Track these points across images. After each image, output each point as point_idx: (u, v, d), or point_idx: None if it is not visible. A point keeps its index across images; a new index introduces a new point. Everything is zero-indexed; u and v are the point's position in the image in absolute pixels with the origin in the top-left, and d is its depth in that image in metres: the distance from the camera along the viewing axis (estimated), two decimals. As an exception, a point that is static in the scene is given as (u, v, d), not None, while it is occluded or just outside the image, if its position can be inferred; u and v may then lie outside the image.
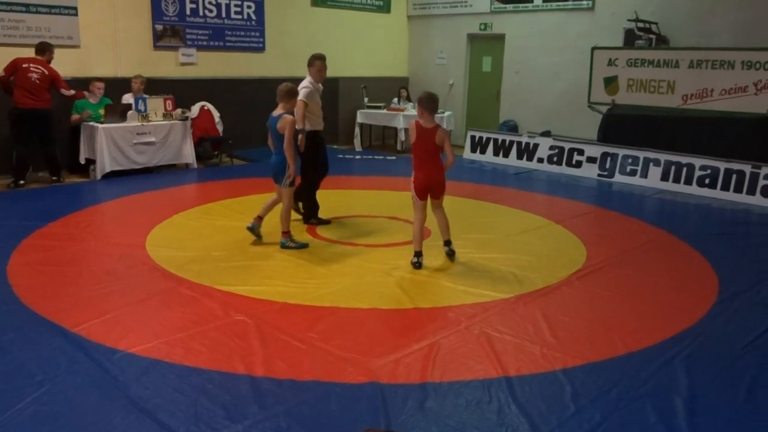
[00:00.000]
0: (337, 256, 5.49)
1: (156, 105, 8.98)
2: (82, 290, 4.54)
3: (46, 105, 7.97)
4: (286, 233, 5.67)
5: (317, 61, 6.32)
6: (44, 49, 8.05)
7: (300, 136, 6.01)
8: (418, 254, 5.22)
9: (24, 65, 7.81)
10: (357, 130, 11.91)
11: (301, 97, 5.97)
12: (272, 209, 5.85)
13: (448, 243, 5.46)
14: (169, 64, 10.06)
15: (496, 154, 10.74)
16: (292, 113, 5.62)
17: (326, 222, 6.50)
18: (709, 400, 3.24)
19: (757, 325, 4.19)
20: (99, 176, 8.37)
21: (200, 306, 4.30)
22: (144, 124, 8.74)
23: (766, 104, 8.35)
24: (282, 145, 5.49)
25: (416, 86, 13.17)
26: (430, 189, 5.25)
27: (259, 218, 5.83)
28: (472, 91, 12.94)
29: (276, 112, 5.58)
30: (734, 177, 8.20)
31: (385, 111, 11.81)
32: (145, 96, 8.92)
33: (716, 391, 3.33)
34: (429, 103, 5.14)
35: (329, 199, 7.03)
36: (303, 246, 5.68)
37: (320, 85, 6.43)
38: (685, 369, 3.56)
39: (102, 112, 8.58)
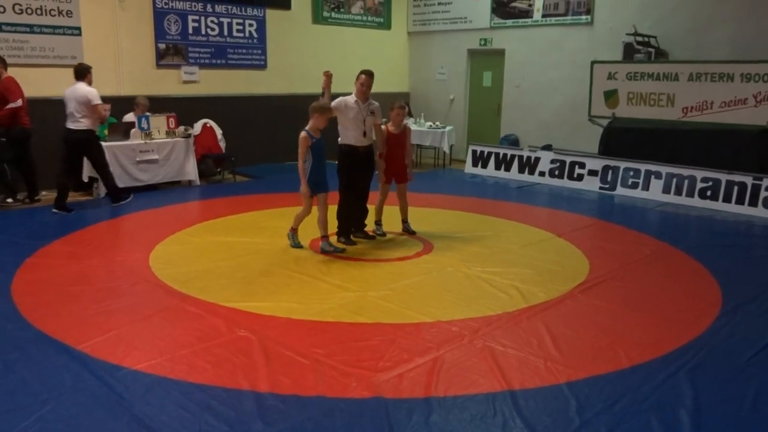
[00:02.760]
0: (340, 270, 5.50)
1: (159, 123, 9.05)
2: (86, 308, 4.55)
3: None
4: (324, 237, 5.99)
5: (361, 75, 6.13)
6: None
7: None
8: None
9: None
10: (358, 145, 11.94)
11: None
12: (302, 221, 6.13)
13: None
14: (172, 82, 10.14)
15: (497, 168, 10.77)
16: (317, 130, 5.78)
17: (353, 242, 6.33)
18: (714, 413, 3.23)
19: (760, 337, 4.18)
20: (102, 194, 8.41)
21: (204, 322, 4.31)
22: (147, 141, 8.80)
23: (766, 116, 8.38)
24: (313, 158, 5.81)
25: (417, 102, 13.25)
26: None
27: (295, 230, 6.20)
28: (472, 105, 13.01)
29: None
30: (736, 189, 8.21)
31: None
32: (148, 114, 8.99)
33: (721, 404, 3.33)
34: None
35: (332, 215, 7.04)
36: (340, 251, 5.98)
37: (373, 103, 6.22)
38: (689, 381, 3.56)
39: (105, 132, 8.64)
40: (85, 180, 8.65)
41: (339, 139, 6.28)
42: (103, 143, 8.37)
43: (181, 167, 9.19)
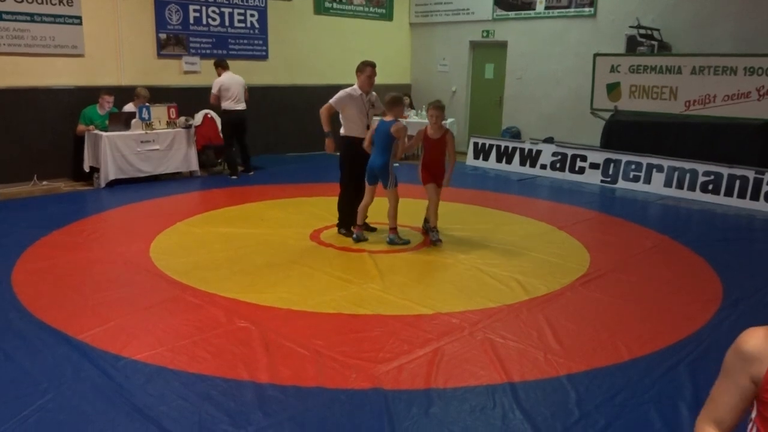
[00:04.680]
0: (341, 262, 5.50)
1: (160, 113, 9.02)
2: (86, 298, 4.55)
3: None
4: (394, 230, 6.02)
5: (367, 68, 6.11)
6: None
7: (327, 140, 6.22)
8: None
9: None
10: (360, 137, 11.93)
11: (331, 101, 6.08)
12: (365, 212, 6.16)
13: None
14: (173, 73, 10.11)
15: (499, 160, 10.74)
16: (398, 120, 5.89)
17: (349, 232, 6.29)
18: (714, 406, 3.23)
19: (761, 330, 4.17)
20: (103, 184, 8.40)
21: (204, 313, 4.31)
22: (148, 132, 8.78)
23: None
24: (386, 149, 5.85)
25: (419, 94, 13.21)
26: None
27: (359, 227, 6.15)
28: (474, 98, 12.97)
29: (387, 118, 5.88)
30: (737, 183, 8.20)
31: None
32: (149, 104, 8.97)
33: (721, 397, 3.32)
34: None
35: (334, 206, 7.03)
36: (407, 242, 6.03)
37: (372, 94, 6.22)
38: (689, 375, 3.56)
39: (106, 122, 8.63)
40: (86, 170, 8.65)
41: (342, 131, 6.25)
42: (104, 133, 8.38)
43: (182, 158, 9.18)
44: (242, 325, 4.10)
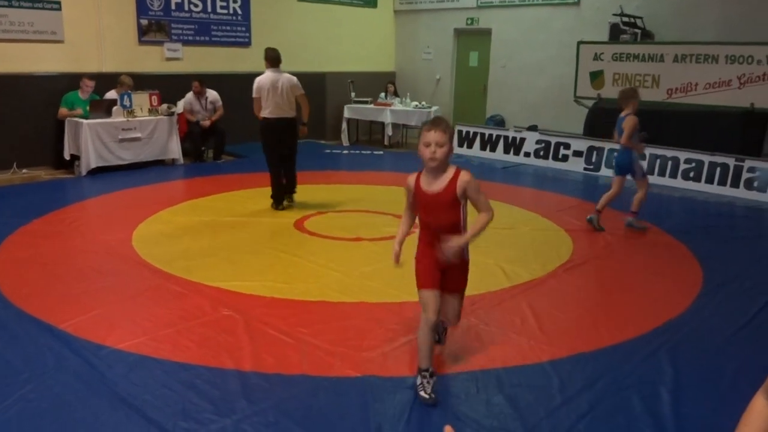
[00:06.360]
0: (326, 250, 5.49)
1: (141, 100, 8.92)
2: (68, 287, 4.51)
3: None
4: (634, 213, 6.29)
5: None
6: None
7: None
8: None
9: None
10: (344, 125, 11.90)
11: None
12: (609, 201, 6.28)
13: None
14: (155, 59, 9.99)
15: (483, 148, 10.77)
16: (633, 114, 6.02)
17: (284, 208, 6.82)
18: (694, 390, 3.28)
19: (740, 316, 4.24)
20: (84, 172, 8.31)
21: (188, 302, 4.29)
22: (129, 119, 8.68)
23: (750, 98, 8.43)
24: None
25: (403, 81, 13.18)
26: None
27: (598, 212, 6.27)
28: (458, 85, 12.96)
29: (623, 114, 6.09)
30: (718, 170, 8.28)
31: (372, 106, 11.81)
32: (131, 91, 8.86)
33: (701, 382, 3.38)
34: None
35: (318, 194, 7.04)
36: (644, 228, 6.27)
37: (279, 73, 6.83)
38: (670, 360, 3.60)
39: (87, 108, 8.52)
40: (67, 158, 8.55)
41: (262, 114, 6.70)
42: (85, 121, 8.27)
43: (164, 146, 9.09)
44: (226, 314, 4.09)
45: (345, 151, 11.13)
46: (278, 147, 6.81)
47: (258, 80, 6.77)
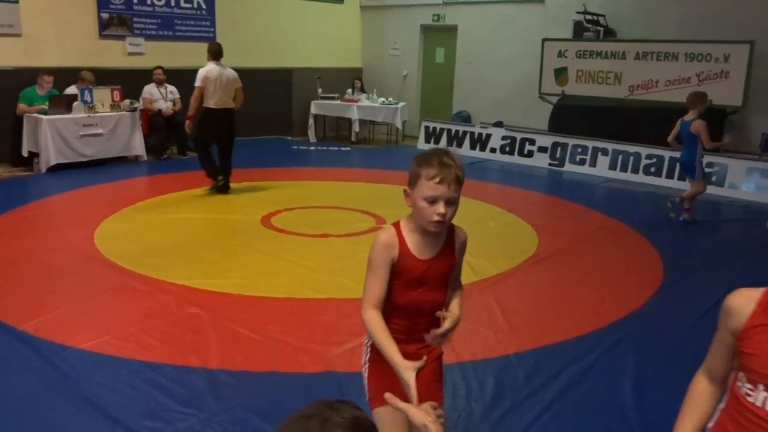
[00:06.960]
0: (294, 247, 5.47)
1: (103, 96, 8.74)
2: (29, 287, 4.41)
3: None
4: (688, 210, 6.58)
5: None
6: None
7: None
8: None
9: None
10: (311, 121, 11.84)
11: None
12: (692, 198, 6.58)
13: None
14: (116, 54, 9.80)
15: (449, 144, 10.83)
16: (700, 117, 6.33)
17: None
18: (656, 379, 3.36)
19: (699, 307, 4.35)
20: (44, 169, 8.11)
21: (153, 300, 4.23)
22: (91, 115, 8.50)
23: (708, 95, 8.62)
24: (692, 145, 6.32)
25: (370, 77, 13.16)
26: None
27: (682, 204, 6.63)
28: (425, 82, 13.00)
29: (688, 117, 6.37)
30: (678, 166, 8.46)
31: (339, 102, 11.78)
32: (92, 87, 8.67)
33: (662, 371, 3.46)
34: None
35: (284, 191, 7.00)
36: (695, 221, 6.57)
37: (223, 67, 7.10)
38: (632, 350, 3.69)
39: (46, 104, 8.32)
40: (25, 155, 8.33)
41: (204, 104, 6.98)
42: (44, 117, 8.07)
43: (127, 142, 8.93)
44: (192, 312, 4.04)
45: (312, 148, 11.08)
46: (220, 135, 7.22)
47: (205, 71, 7.06)
